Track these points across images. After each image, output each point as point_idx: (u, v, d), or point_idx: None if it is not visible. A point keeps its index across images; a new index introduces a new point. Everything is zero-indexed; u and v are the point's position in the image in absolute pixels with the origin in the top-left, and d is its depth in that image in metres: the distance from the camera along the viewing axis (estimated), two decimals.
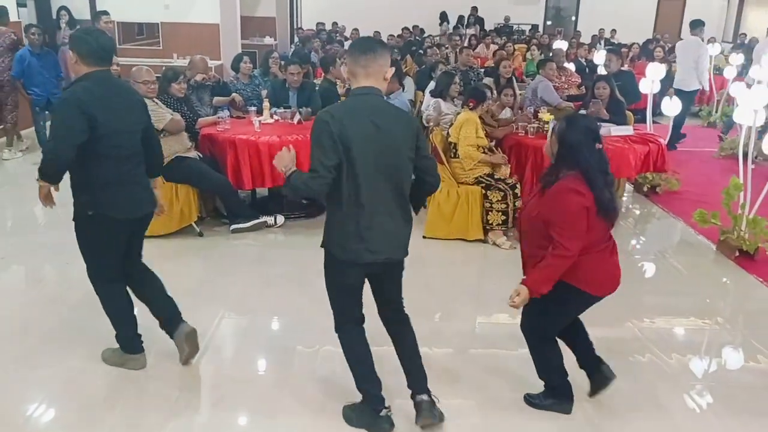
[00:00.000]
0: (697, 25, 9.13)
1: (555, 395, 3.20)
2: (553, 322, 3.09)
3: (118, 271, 3.32)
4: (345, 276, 2.85)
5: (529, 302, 2.89)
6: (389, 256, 2.82)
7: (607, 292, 2.98)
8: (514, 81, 8.02)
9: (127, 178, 3.18)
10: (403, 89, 6.91)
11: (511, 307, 2.87)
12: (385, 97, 2.82)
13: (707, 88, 9.55)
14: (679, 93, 8.66)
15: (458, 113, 5.69)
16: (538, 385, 3.26)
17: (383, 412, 2.96)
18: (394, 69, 2.84)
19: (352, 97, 2.77)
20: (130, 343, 3.43)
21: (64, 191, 3.27)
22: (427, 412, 2.95)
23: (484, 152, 5.45)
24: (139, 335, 3.45)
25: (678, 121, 8.31)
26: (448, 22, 17.92)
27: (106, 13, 8.61)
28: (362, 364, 2.98)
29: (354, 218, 2.70)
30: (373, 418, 2.98)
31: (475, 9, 18.52)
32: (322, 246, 2.85)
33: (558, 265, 2.79)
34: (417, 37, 14.69)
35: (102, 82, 3.08)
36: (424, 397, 2.97)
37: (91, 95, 3.02)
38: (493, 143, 5.76)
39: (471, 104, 5.45)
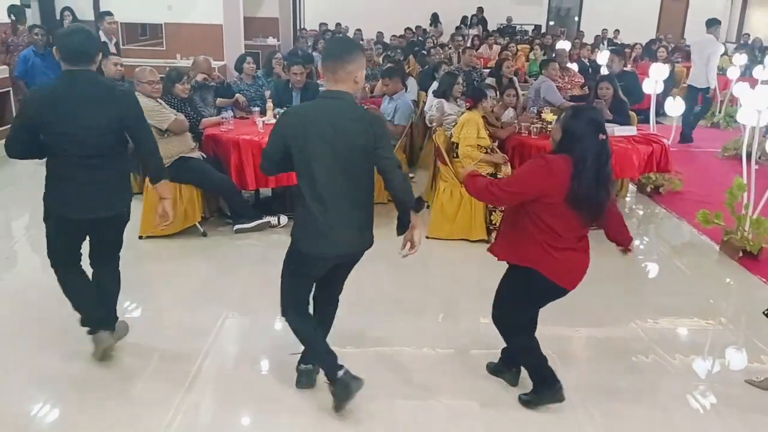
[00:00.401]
0: (713, 23, 9.29)
1: (544, 385, 3.20)
2: (522, 309, 3.14)
3: (66, 258, 3.44)
4: (308, 268, 3.01)
5: (501, 291, 3.12)
6: (355, 250, 2.99)
7: (573, 287, 3.01)
8: (516, 81, 8.02)
9: (80, 178, 3.15)
10: (406, 90, 6.90)
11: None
12: (354, 101, 2.91)
13: (713, 86, 9.59)
14: (691, 89, 9.32)
15: (461, 113, 5.69)
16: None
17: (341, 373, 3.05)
18: (363, 73, 2.90)
19: (321, 98, 2.93)
20: (88, 320, 3.51)
21: None
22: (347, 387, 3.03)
23: (486, 152, 5.45)
24: (102, 316, 3.51)
25: (687, 115, 8.74)
26: (440, 23, 17.81)
27: (109, 13, 8.63)
28: (313, 341, 3.17)
29: (317, 214, 2.84)
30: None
31: (480, 9, 18.52)
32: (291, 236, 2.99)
33: (479, 188, 2.94)
34: (420, 38, 14.68)
35: (67, 83, 3.08)
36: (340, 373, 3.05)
37: (41, 95, 3.14)
38: (496, 143, 5.76)
39: (468, 104, 5.47)
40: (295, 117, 2.90)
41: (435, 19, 18.28)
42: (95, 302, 3.49)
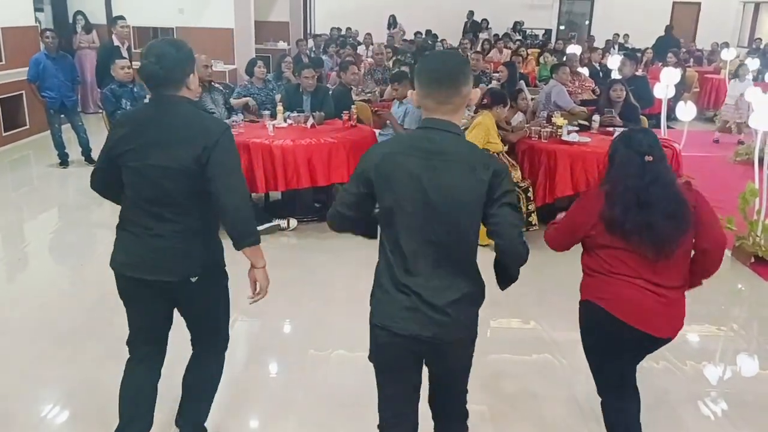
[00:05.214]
0: None
1: None
2: (596, 367, 2.72)
3: (133, 335, 2.68)
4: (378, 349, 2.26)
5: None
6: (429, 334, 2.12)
7: (647, 325, 2.51)
8: (525, 86, 8.01)
9: (128, 225, 2.51)
10: None
11: None
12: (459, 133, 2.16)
13: None
14: None
15: (472, 117, 5.68)
16: (547, 389, 3.24)
17: None
18: (479, 92, 2.51)
19: (425, 129, 2.13)
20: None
21: (70, 195, 3.28)
22: None
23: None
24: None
25: None
26: (404, 32, 16.81)
27: (122, 18, 8.69)
28: None
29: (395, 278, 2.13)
30: None
31: (471, 13, 18.46)
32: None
33: (550, 234, 2.70)
34: (430, 42, 14.69)
35: (152, 109, 2.50)
36: None
37: (125, 117, 2.73)
38: (506, 148, 5.74)
39: (487, 101, 5.43)
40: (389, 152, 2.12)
41: (393, 20, 17.67)
42: (143, 411, 2.72)
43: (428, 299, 2.07)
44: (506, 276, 2.29)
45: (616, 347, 2.60)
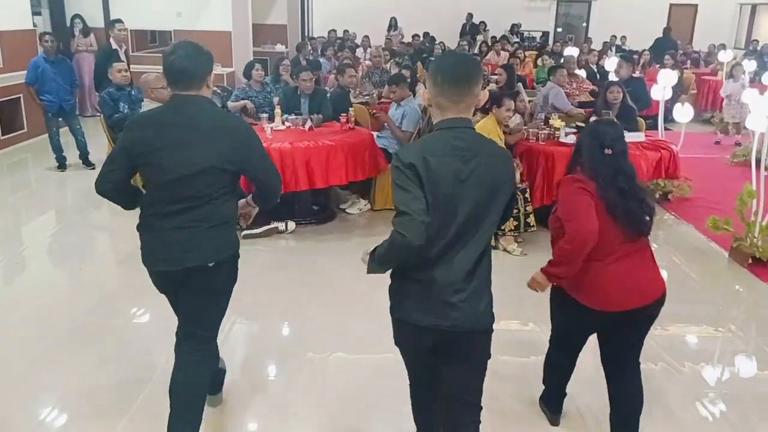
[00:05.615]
0: None
1: (545, 400, 3.22)
2: (557, 330, 3.04)
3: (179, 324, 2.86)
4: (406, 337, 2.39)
5: (550, 309, 2.96)
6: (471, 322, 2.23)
7: (616, 305, 2.68)
8: (522, 88, 8.02)
9: (152, 222, 2.65)
10: (414, 96, 6.92)
11: (531, 289, 2.83)
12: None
13: None
14: None
15: (475, 121, 5.68)
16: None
17: None
18: (487, 93, 2.58)
19: (443, 130, 2.20)
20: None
21: (68, 198, 3.28)
22: None
23: None
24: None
25: None
26: (402, 35, 16.72)
27: (120, 21, 8.70)
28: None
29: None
30: None
31: (470, 15, 18.49)
32: None
33: (566, 249, 2.64)
34: (427, 44, 14.71)
35: (171, 109, 2.63)
36: None
37: (141, 118, 2.79)
38: None
39: (487, 104, 5.44)
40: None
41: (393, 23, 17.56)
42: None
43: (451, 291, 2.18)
44: None
45: (586, 329, 2.88)
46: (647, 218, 2.70)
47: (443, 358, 2.32)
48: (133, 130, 2.65)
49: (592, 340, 2.95)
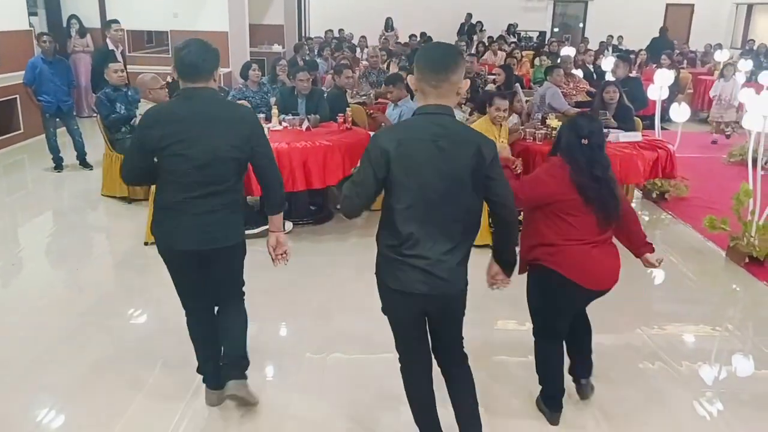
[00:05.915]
0: None
1: (543, 399, 3.22)
2: (539, 316, 3.14)
3: (189, 304, 3.11)
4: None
5: (528, 299, 3.13)
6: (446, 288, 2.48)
7: (596, 284, 2.95)
8: (519, 88, 8.02)
9: (183, 207, 2.80)
10: (412, 96, 6.92)
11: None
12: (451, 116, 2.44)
13: None
14: None
15: (466, 119, 5.69)
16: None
17: None
18: (469, 82, 2.65)
19: (422, 115, 2.41)
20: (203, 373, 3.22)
21: (65, 199, 3.28)
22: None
23: None
24: (214, 368, 3.16)
25: None
26: (397, 36, 16.65)
27: (116, 21, 8.70)
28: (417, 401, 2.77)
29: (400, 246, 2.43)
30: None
31: (469, 16, 18.49)
32: None
33: (514, 189, 2.79)
34: (424, 44, 14.70)
35: (183, 102, 2.81)
36: None
37: (156, 111, 2.88)
38: None
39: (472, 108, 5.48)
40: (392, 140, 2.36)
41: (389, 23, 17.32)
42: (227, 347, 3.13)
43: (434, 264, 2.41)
44: (507, 240, 2.66)
45: (570, 306, 3.06)
46: (615, 207, 2.92)
47: (433, 319, 2.62)
48: (150, 126, 2.80)
49: None
